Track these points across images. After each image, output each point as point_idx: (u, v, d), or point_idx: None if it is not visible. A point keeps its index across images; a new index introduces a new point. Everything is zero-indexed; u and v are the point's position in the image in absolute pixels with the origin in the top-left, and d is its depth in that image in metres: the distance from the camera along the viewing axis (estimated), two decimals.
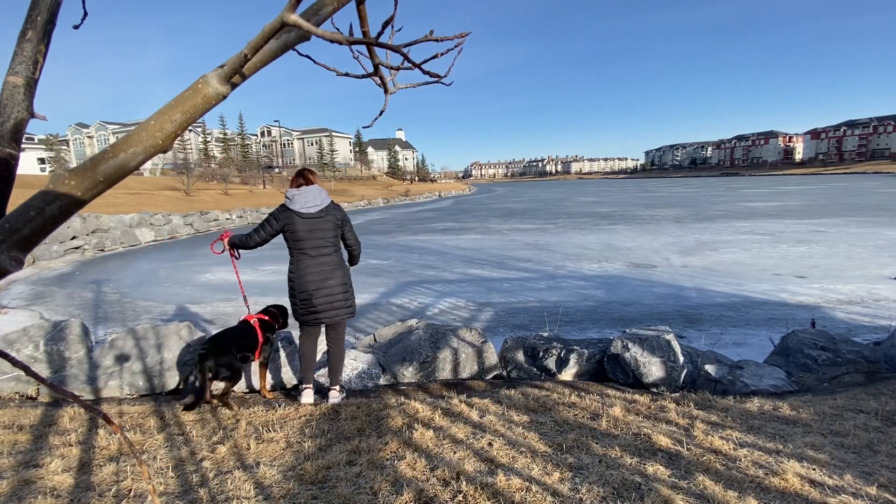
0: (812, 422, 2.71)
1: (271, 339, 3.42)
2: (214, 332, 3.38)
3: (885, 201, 24.39)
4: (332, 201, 3.10)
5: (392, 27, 0.80)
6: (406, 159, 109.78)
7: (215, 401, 3.08)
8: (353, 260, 3.37)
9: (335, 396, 3.28)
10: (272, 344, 3.46)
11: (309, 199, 3.03)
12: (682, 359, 3.69)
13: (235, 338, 3.18)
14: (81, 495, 2.11)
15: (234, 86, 0.70)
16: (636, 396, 3.22)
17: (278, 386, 3.76)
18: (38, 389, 3.77)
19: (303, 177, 3.14)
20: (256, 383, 3.56)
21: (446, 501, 1.95)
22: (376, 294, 8.06)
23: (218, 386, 3.08)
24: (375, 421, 2.85)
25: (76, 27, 1.07)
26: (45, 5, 0.82)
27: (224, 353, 3.03)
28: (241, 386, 3.78)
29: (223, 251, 3.37)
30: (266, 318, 3.40)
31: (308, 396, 3.23)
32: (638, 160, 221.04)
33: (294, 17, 0.63)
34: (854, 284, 7.49)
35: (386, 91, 0.92)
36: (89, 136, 72.54)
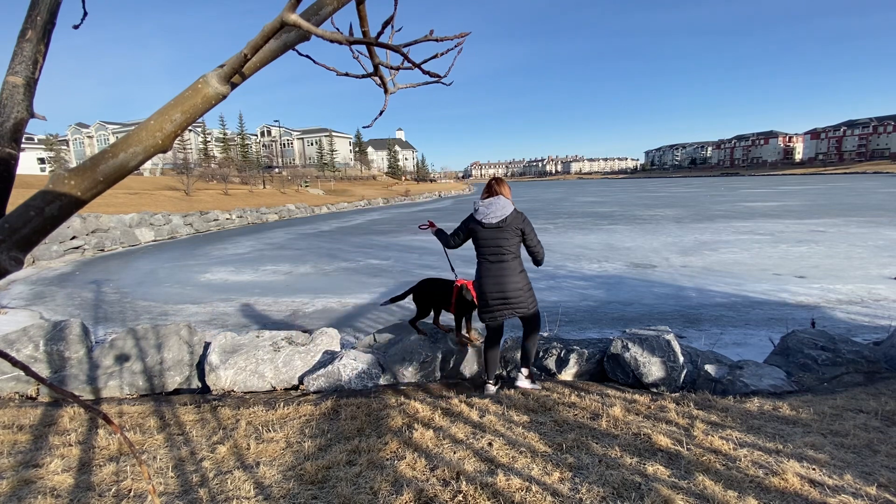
0: (812, 422, 2.71)
1: (466, 304, 3.84)
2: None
3: (885, 201, 24.38)
4: (514, 210, 3.25)
5: (392, 27, 0.80)
6: (406, 159, 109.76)
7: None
8: (536, 262, 3.47)
9: (523, 381, 3.40)
10: (469, 310, 3.92)
11: (491, 212, 3.23)
12: (682, 359, 3.69)
13: (433, 287, 3.97)
14: (81, 495, 2.11)
15: (234, 86, 0.70)
16: (636, 396, 3.21)
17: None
18: (38, 389, 3.77)
19: (488, 189, 3.37)
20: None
21: (446, 501, 1.95)
22: (376, 294, 8.06)
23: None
24: (375, 421, 2.85)
25: (76, 27, 1.07)
26: (45, 5, 0.82)
27: (419, 293, 3.97)
28: (239, 386, 3.78)
29: (427, 229, 3.83)
30: (469, 286, 3.79)
31: (489, 389, 3.42)
32: (638, 160, 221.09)
33: (294, 17, 0.63)
34: (854, 284, 7.49)
35: (386, 91, 0.92)
36: (89, 136, 72.54)
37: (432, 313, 4.10)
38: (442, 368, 3.93)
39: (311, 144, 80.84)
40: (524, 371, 3.47)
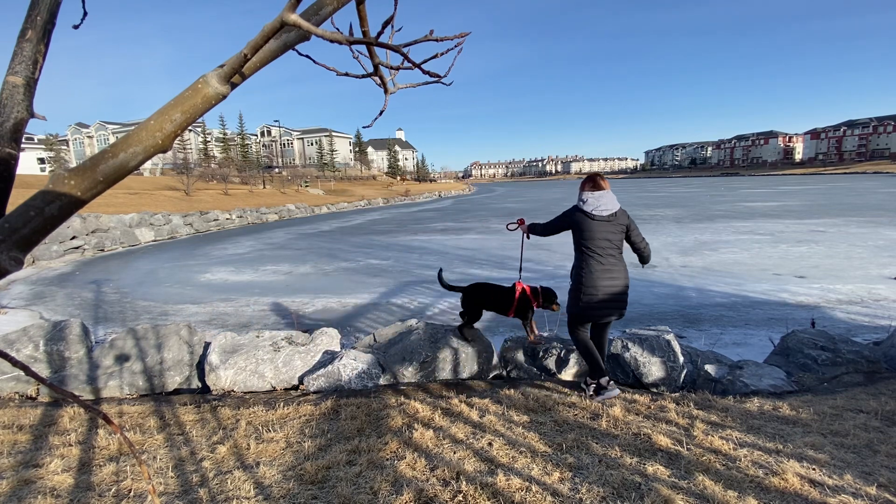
0: (812, 422, 2.71)
1: (528, 307, 3.84)
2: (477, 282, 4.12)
3: (885, 201, 24.37)
4: (620, 206, 3.22)
5: (392, 27, 0.80)
6: (406, 159, 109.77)
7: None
8: (643, 260, 3.41)
9: (613, 388, 3.23)
10: (531, 310, 3.88)
11: (602, 204, 3.14)
12: (682, 359, 3.69)
13: (487, 293, 3.92)
14: (81, 495, 2.11)
15: (234, 86, 0.70)
16: (636, 396, 3.22)
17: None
18: (38, 389, 3.77)
19: (594, 183, 3.25)
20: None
21: (446, 501, 1.95)
22: (376, 294, 8.06)
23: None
24: (375, 421, 2.85)
25: (76, 27, 1.07)
26: (44, 5, 0.82)
27: (468, 299, 3.94)
28: (239, 386, 3.78)
29: (516, 228, 3.87)
30: (528, 290, 3.81)
31: (615, 389, 3.18)
32: (638, 160, 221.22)
33: (294, 17, 0.63)
34: (854, 284, 7.48)
35: (386, 91, 0.92)
36: (89, 136, 72.56)
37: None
38: (441, 369, 3.92)
39: (311, 144, 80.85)
40: (605, 380, 3.23)
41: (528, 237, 3.79)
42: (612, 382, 3.23)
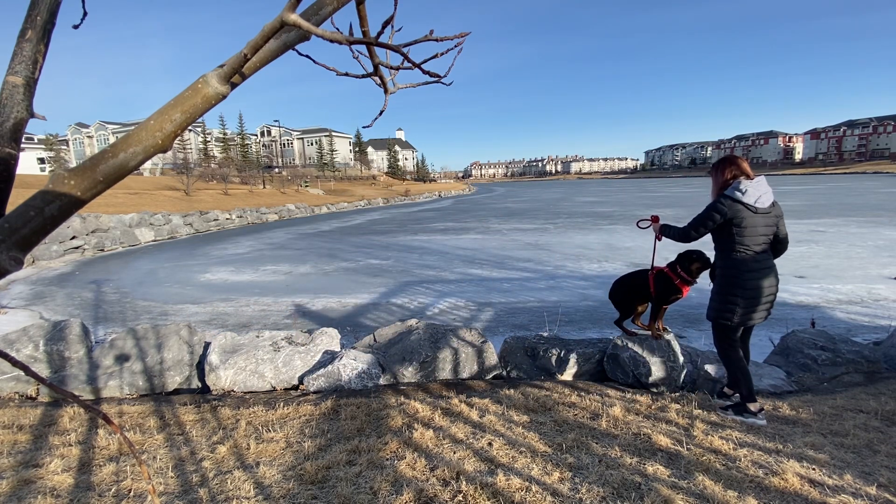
0: (812, 422, 2.71)
1: (669, 290, 3.54)
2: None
3: (885, 201, 24.38)
4: None
5: (392, 27, 0.80)
6: (406, 159, 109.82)
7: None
8: (779, 254, 3.05)
9: (762, 418, 2.83)
10: (669, 293, 3.60)
11: (762, 192, 2.77)
12: (681, 359, 3.69)
13: (626, 282, 3.84)
14: (81, 495, 2.11)
15: (233, 86, 0.70)
16: (636, 396, 3.22)
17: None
18: (38, 389, 3.77)
19: (742, 167, 2.87)
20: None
21: (446, 501, 1.95)
22: (376, 294, 8.06)
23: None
24: (375, 421, 2.85)
25: (76, 27, 1.07)
26: (44, 5, 0.82)
27: (615, 293, 3.86)
28: (239, 386, 3.78)
29: (648, 226, 3.62)
30: (666, 270, 3.60)
31: (761, 418, 2.77)
32: (638, 160, 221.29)
33: (294, 17, 0.63)
34: (854, 284, 7.49)
35: (386, 91, 0.92)
36: (89, 136, 72.58)
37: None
38: (441, 369, 3.92)
39: (311, 144, 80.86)
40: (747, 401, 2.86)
41: (659, 239, 3.44)
42: (763, 413, 2.81)
